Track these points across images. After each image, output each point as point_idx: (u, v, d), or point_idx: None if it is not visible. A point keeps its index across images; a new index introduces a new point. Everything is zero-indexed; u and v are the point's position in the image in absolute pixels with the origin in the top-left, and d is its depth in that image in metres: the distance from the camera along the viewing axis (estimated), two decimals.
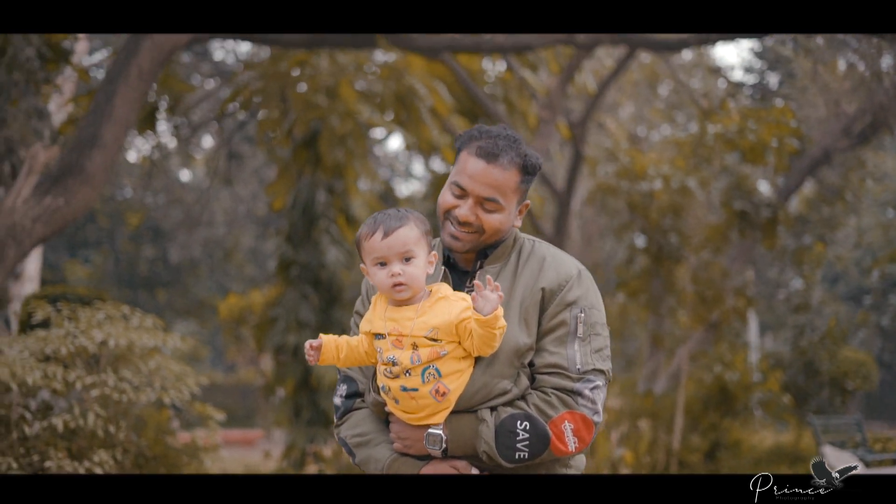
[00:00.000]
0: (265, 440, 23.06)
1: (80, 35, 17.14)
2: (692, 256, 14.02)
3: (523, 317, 3.20)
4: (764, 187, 15.86)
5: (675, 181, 13.70)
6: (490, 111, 12.95)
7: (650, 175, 13.91)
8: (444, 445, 3.15)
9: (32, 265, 19.04)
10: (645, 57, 16.99)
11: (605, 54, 16.01)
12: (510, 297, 3.23)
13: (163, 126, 21.43)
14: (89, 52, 20.98)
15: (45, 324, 9.49)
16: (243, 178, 24.01)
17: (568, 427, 3.11)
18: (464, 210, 3.24)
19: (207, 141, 26.63)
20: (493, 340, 3.07)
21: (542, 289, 3.23)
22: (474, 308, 3.03)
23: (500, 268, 3.30)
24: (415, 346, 3.12)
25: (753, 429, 15.34)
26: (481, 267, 3.32)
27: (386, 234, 3.18)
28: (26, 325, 10.60)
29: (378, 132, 19.51)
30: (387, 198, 21.45)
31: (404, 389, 3.14)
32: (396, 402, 3.19)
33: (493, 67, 14.95)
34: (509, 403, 3.15)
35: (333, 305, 13.77)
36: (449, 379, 3.12)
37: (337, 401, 3.46)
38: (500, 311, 3.03)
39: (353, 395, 3.42)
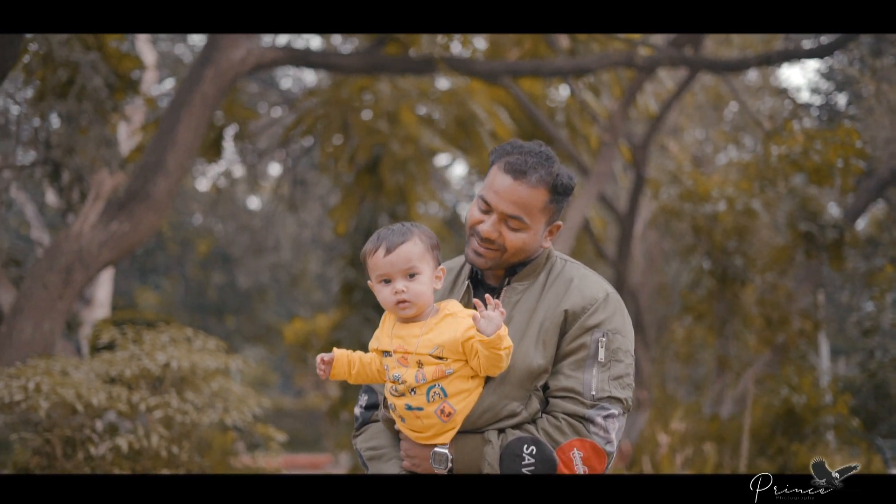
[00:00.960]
0: (332, 465, 23.14)
1: (148, 65, 17.48)
2: (757, 278, 13.90)
3: (541, 338, 3.10)
4: (834, 209, 15.68)
5: (739, 203, 13.59)
6: (552, 135, 12.98)
7: (714, 197, 13.82)
8: (449, 465, 3.07)
9: (103, 291, 19.36)
10: (709, 79, 16.92)
11: (667, 76, 15.96)
12: (531, 317, 3.13)
13: (231, 153, 21.75)
14: (158, 81, 21.37)
15: (112, 347, 9.66)
16: (309, 204, 24.22)
17: (577, 455, 3.00)
18: (486, 226, 3.13)
19: (274, 168, 26.94)
20: (499, 361, 2.97)
21: (565, 311, 3.12)
22: (477, 329, 2.93)
23: (528, 286, 3.20)
24: (420, 364, 3.04)
25: (824, 453, 15.11)
26: (508, 284, 3.21)
27: (388, 251, 3.10)
28: (95, 349, 10.79)
29: (443, 158, 19.63)
30: (452, 223, 21.53)
31: (409, 408, 3.07)
32: (403, 420, 3.13)
33: (557, 92, 14.99)
34: (518, 426, 3.06)
35: None
36: (455, 399, 3.04)
37: (357, 411, 3.42)
38: (504, 330, 2.94)
39: (372, 406, 3.37)
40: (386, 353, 3.14)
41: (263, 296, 30.51)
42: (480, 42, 13.78)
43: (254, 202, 31.85)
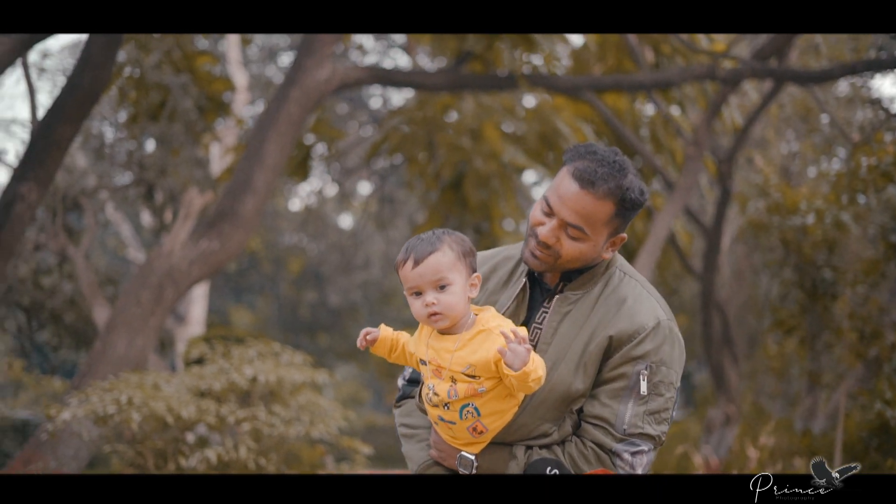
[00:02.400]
0: None
1: (239, 86, 17.84)
2: (848, 291, 13.70)
3: (584, 361, 2.98)
4: None
5: (828, 216, 13.43)
6: (637, 149, 12.96)
7: (802, 210, 13.67)
8: (473, 471, 3.01)
9: (198, 310, 19.76)
10: (797, 91, 16.74)
11: (753, 88, 15.83)
12: (578, 334, 3.01)
13: (321, 173, 22.03)
14: (251, 102, 21.78)
15: (202, 362, 9.91)
16: (397, 221, 24.46)
17: None
18: (545, 230, 2.98)
19: (365, 187, 27.25)
20: (528, 390, 2.88)
21: (610, 337, 2.98)
22: (504, 362, 2.80)
23: (581, 296, 3.05)
24: (453, 380, 2.93)
25: None
26: (561, 291, 3.08)
27: (417, 263, 2.96)
28: (188, 365, 11.07)
29: (531, 175, 19.69)
30: None
31: (442, 420, 3.00)
32: (436, 423, 3.07)
33: (642, 106, 14.96)
34: (546, 446, 2.99)
35: None
36: (488, 419, 2.96)
37: (400, 382, 3.35)
38: (532, 363, 2.79)
39: (414, 381, 3.28)
40: (422, 362, 3.04)
41: (355, 313, 30.78)
42: (564, 58, 13.84)
43: (345, 220, 32.23)
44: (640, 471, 2.96)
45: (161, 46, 11.91)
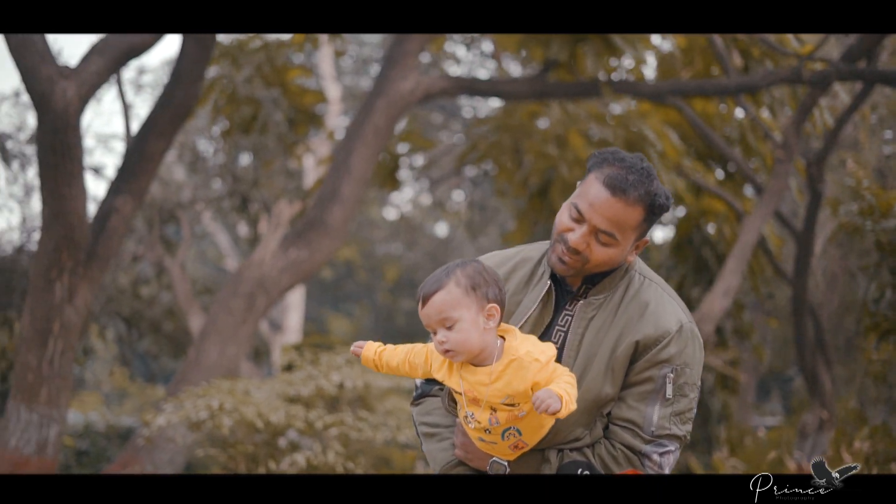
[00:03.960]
0: None
1: (331, 99, 18.16)
2: None
3: (611, 366, 3.04)
4: None
5: None
6: (725, 153, 12.89)
7: None
8: (504, 475, 3.06)
9: (294, 319, 20.13)
10: (891, 91, 16.47)
11: (844, 90, 15.62)
12: (604, 339, 3.06)
13: (414, 182, 22.25)
14: (344, 113, 22.11)
15: (291, 368, 10.14)
16: (489, 229, 24.56)
17: None
18: (576, 236, 3.03)
19: (459, 195, 27.43)
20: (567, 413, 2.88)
21: (637, 342, 3.04)
22: (548, 413, 2.78)
23: (604, 300, 3.11)
24: (493, 410, 2.94)
25: None
26: (584, 295, 3.14)
27: (423, 303, 2.99)
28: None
29: None
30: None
31: (482, 441, 3.02)
32: (475, 441, 3.08)
33: (731, 110, 14.85)
34: (577, 449, 3.05)
35: None
36: (529, 436, 3.00)
37: (417, 381, 3.36)
38: (565, 404, 2.79)
39: (433, 379, 3.25)
40: (456, 392, 3.03)
41: None
42: (651, 63, 13.83)
43: (441, 229, 32.46)
44: (667, 470, 3.03)
45: (252, 61, 12.22)
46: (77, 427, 16.21)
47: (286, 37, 12.86)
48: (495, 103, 18.85)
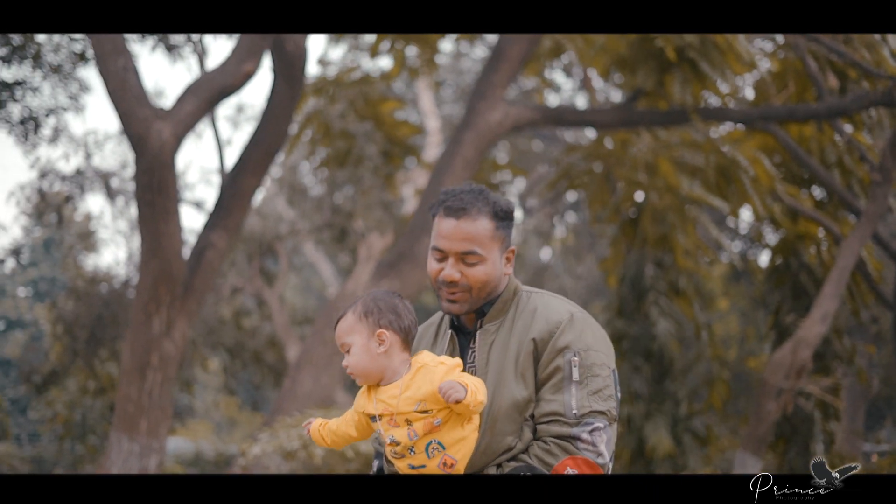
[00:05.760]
0: None
1: (430, 130, 18.39)
2: None
3: (520, 371, 3.18)
4: None
5: None
6: (821, 177, 12.76)
7: None
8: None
9: None
10: None
11: None
12: (507, 354, 3.20)
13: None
14: (444, 143, 22.30)
15: None
16: (586, 256, 24.53)
17: (571, 472, 3.05)
18: (447, 270, 3.21)
19: (559, 222, 27.42)
20: (477, 411, 3.05)
21: (533, 339, 3.19)
22: (453, 402, 2.96)
23: (499, 325, 3.27)
24: (409, 422, 3.07)
25: None
26: (481, 326, 3.28)
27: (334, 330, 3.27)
28: None
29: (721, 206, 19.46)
30: (736, 272, 21.24)
31: (413, 468, 3.12)
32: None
33: (832, 134, 14.66)
34: (513, 458, 3.13)
35: (665, 377, 13.84)
36: (454, 449, 3.08)
37: (374, 463, 3.43)
38: (471, 391, 2.98)
39: (382, 470, 3.37)
40: (373, 418, 3.17)
41: None
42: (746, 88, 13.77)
43: (545, 253, 32.46)
44: (603, 447, 3.10)
45: (346, 95, 12.49)
46: (187, 455, 16.61)
47: (381, 69, 13.11)
48: (592, 132, 18.92)
